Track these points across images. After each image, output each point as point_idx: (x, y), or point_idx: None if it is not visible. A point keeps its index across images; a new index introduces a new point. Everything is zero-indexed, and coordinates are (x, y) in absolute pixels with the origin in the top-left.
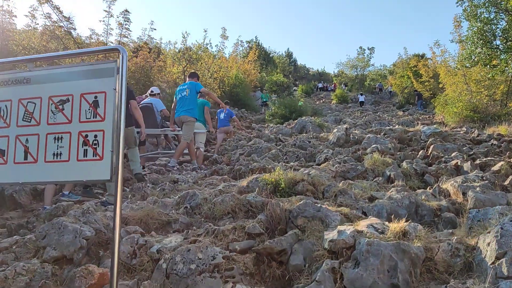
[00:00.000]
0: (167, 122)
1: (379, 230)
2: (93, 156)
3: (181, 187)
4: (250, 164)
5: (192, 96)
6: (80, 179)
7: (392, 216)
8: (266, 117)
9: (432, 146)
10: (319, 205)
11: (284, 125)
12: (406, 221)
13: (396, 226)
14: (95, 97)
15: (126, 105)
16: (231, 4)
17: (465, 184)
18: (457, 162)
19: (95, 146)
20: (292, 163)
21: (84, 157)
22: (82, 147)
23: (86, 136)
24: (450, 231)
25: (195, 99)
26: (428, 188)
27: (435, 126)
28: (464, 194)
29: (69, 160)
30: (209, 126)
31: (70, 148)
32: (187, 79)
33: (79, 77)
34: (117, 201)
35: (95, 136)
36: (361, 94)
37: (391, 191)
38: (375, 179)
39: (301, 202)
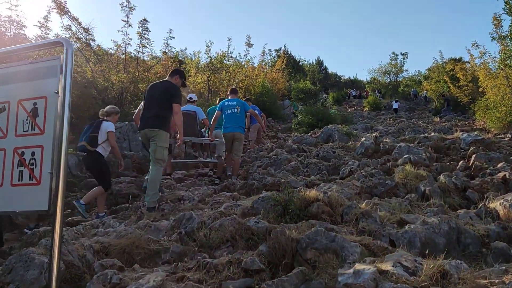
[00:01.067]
0: (201, 130)
1: (410, 270)
2: (29, 180)
3: (183, 207)
4: (265, 179)
5: (242, 114)
6: (13, 210)
7: (427, 248)
8: (293, 126)
9: (474, 156)
10: (333, 233)
11: (309, 134)
12: (445, 252)
13: (432, 264)
14: (34, 103)
15: (169, 107)
16: (259, 13)
17: None
18: (505, 175)
19: (32, 167)
20: (312, 177)
21: (19, 181)
22: (18, 168)
23: (22, 154)
24: (503, 267)
25: (244, 116)
26: (471, 207)
27: (476, 133)
28: None
29: (1, 186)
30: None
31: (3, 170)
32: (230, 95)
33: (17, 80)
34: (54, 240)
35: (33, 153)
36: (396, 101)
37: (426, 212)
38: (406, 196)
39: (312, 230)
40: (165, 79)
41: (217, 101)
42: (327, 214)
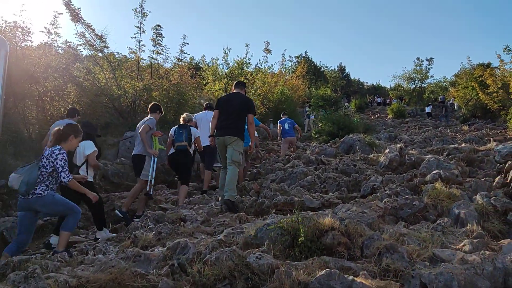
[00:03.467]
0: None
1: None
2: None
3: (183, 230)
4: (276, 197)
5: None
6: None
7: None
8: (312, 135)
9: None
10: (350, 278)
11: (328, 144)
12: None
13: None
14: None
15: (244, 118)
16: (280, 19)
17: None
18: None
19: None
20: (330, 194)
21: None
22: None
23: None
24: None
25: None
26: None
27: (511, 143)
28: None
29: None
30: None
31: None
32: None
33: None
34: None
35: None
36: (428, 105)
37: (464, 245)
38: (438, 221)
39: (324, 272)
40: (235, 91)
41: None
42: (344, 246)
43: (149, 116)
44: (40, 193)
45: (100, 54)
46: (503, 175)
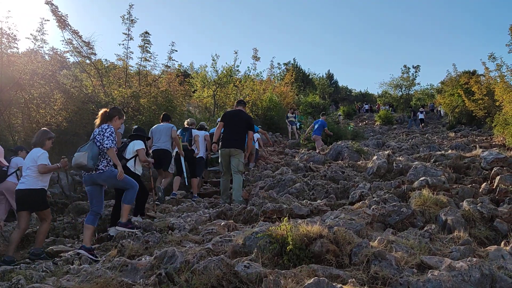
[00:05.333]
0: None
1: None
2: None
3: (171, 238)
4: (265, 204)
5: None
6: None
7: None
8: (301, 141)
9: (498, 178)
10: (338, 286)
11: (317, 150)
12: None
13: None
14: None
15: (246, 133)
16: (269, 26)
17: None
18: None
19: None
20: (319, 201)
21: None
22: None
23: None
24: None
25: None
26: (501, 241)
27: (496, 150)
28: None
29: None
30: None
31: None
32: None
33: None
34: None
35: None
36: (421, 112)
37: (451, 251)
38: (426, 228)
39: (312, 280)
40: (237, 108)
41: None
42: (333, 253)
43: (168, 123)
44: (102, 169)
45: (88, 61)
46: (489, 182)
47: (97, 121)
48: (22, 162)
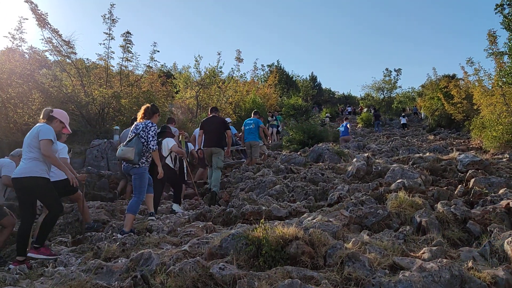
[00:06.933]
0: (239, 141)
1: None
2: None
3: (149, 240)
4: (244, 206)
5: (256, 128)
6: None
7: None
8: (283, 143)
9: (473, 180)
10: (312, 287)
11: (298, 152)
12: None
13: None
14: None
15: (223, 134)
16: (253, 27)
17: None
18: (508, 203)
19: None
20: (298, 203)
21: None
22: None
23: None
24: None
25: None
26: (473, 242)
27: (473, 153)
28: None
29: None
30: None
31: None
32: (252, 115)
33: None
34: None
35: None
36: (403, 116)
37: (423, 252)
38: (400, 229)
39: (286, 282)
40: (213, 114)
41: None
42: (308, 255)
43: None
44: (139, 164)
45: (68, 60)
46: (464, 184)
47: (140, 114)
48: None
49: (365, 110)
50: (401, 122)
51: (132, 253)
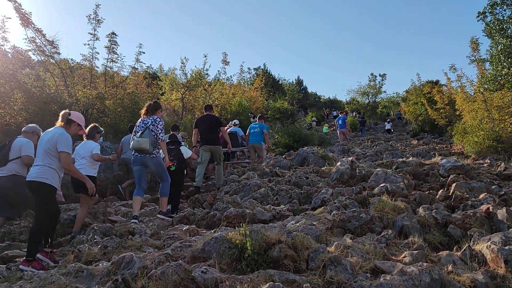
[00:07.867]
0: (244, 142)
1: None
2: None
3: (131, 243)
4: (228, 209)
5: (260, 132)
6: None
7: None
8: (269, 146)
9: (454, 185)
10: None
11: (283, 156)
12: None
13: None
14: None
15: (217, 131)
16: (240, 30)
17: (507, 248)
18: (488, 208)
19: None
20: (282, 206)
21: None
22: None
23: None
24: None
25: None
26: (454, 246)
27: (455, 158)
28: (506, 262)
29: None
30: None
31: None
32: (256, 120)
33: None
34: None
35: None
36: (388, 122)
37: (404, 256)
38: (383, 233)
39: (267, 285)
40: (206, 112)
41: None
42: (291, 259)
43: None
44: (154, 154)
45: (52, 60)
46: (446, 188)
47: (143, 111)
48: None
49: (350, 114)
50: (386, 128)
51: (114, 256)
